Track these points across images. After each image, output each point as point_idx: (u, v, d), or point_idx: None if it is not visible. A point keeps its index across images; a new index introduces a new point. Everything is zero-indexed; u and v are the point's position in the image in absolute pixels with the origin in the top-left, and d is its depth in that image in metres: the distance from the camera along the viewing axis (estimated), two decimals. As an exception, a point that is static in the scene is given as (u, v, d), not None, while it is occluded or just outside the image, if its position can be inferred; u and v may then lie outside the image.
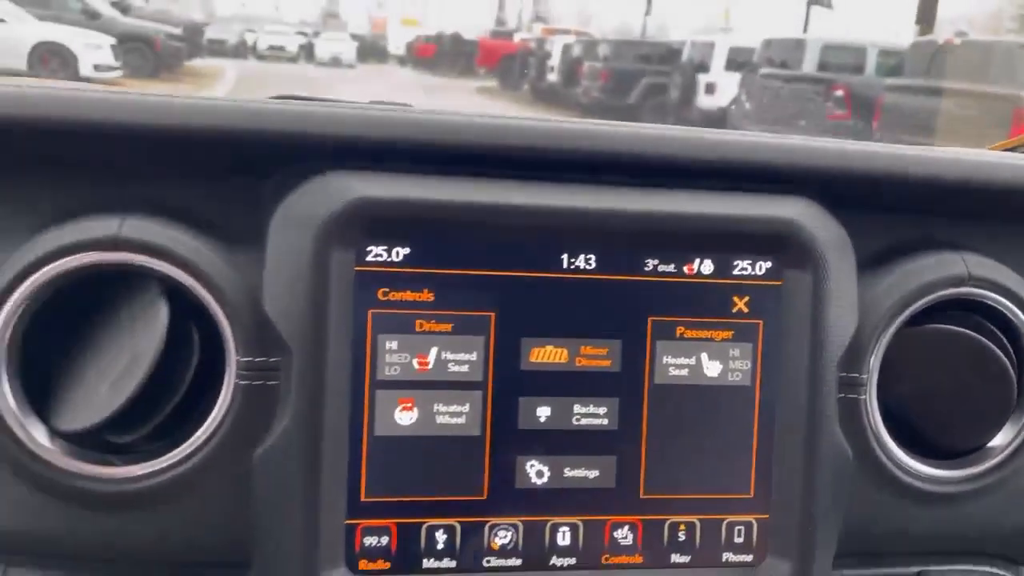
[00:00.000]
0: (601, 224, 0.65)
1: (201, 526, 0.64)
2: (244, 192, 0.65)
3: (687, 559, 0.68)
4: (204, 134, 0.63)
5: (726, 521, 0.68)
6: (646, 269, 0.66)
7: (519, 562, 0.66)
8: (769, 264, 0.68)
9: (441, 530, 0.65)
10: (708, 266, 0.67)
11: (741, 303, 0.68)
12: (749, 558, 0.68)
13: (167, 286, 0.62)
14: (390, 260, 0.63)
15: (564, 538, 0.66)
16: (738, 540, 0.68)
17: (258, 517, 0.62)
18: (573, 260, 0.65)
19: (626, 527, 0.67)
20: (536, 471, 0.66)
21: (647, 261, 0.66)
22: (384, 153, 0.64)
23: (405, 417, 0.64)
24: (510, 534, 0.66)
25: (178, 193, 0.65)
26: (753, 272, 0.67)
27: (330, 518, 0.62)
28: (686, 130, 0.69)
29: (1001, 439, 0.73)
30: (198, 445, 0.62)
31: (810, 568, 0.67)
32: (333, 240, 0.61)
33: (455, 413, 0.64)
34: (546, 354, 0.65)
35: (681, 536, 0.68)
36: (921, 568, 0.76)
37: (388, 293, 0.63)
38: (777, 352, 0.68)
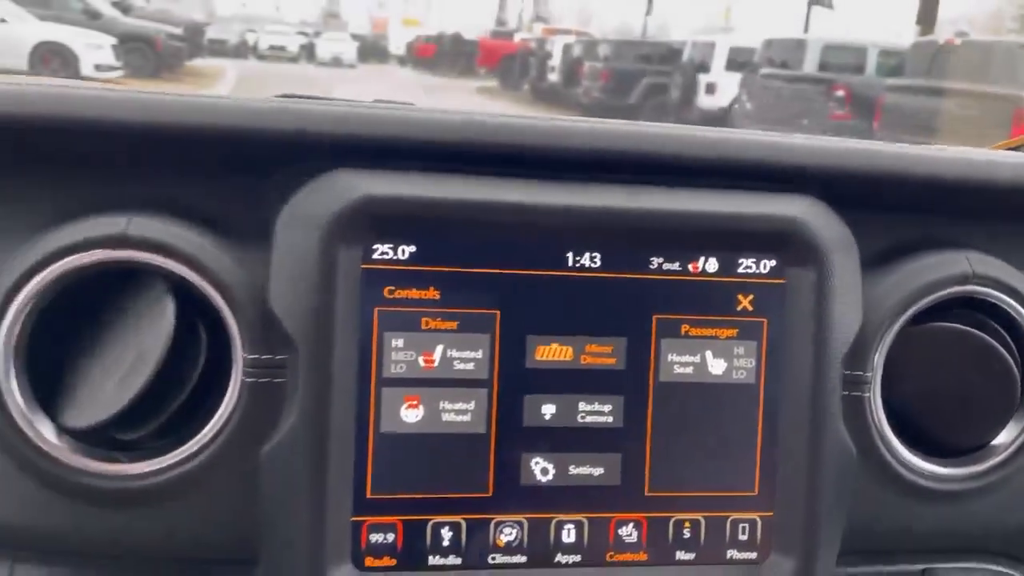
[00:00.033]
0: (606, 222, 0.65)
1: (208, 523, 0.65)
2: (250, 190, 0.65)
3: (691, 556, 0.68)
4: (211, 132, 0.63)
5: (730, 518, 0.68)
6: (651, 267, 0.66)
7: (524, 559, 0.66)
8: (773, 262, 0.68)
9: (447, 527, 0.65)
10: (713, 264, 0.67)
11: (745, 301, 0.68)
12: (753, 555, 0.68)
13: (174, 284, 0.62)
14: (396, 258, 0.63)
15: (569, 535, 0.66)
16: (742, 537, 0.68)
17: (265, 514, 0.62)
18: (578, 258, 0.65)
19: (631, 524, 0.67)
20: (541, 468, 0.66)
21: (652, 259, 0.66)
22: (390, 151, 0.64)
23: (411, 414, 0.64)
24: (515, 531, 0.66)
25: (185, 191, 0.65)
26: (757, 270, 0.68)
27: (336, 515, 0.62)
28: (691, 129, 0.69)
29: (1005, 437, 0.73)
30: (205, 442, 0.62)
31: (814, 566, 0.67)
32: (339, 238, 0.61)
33: (460, 411, 0.64)
34: (551, 352, 0.66)
35: (686, 533, 0.68)
36: (925, 566, 0.77)
37: (394, 291, 0.63)
38: (781, 350, 0.68)
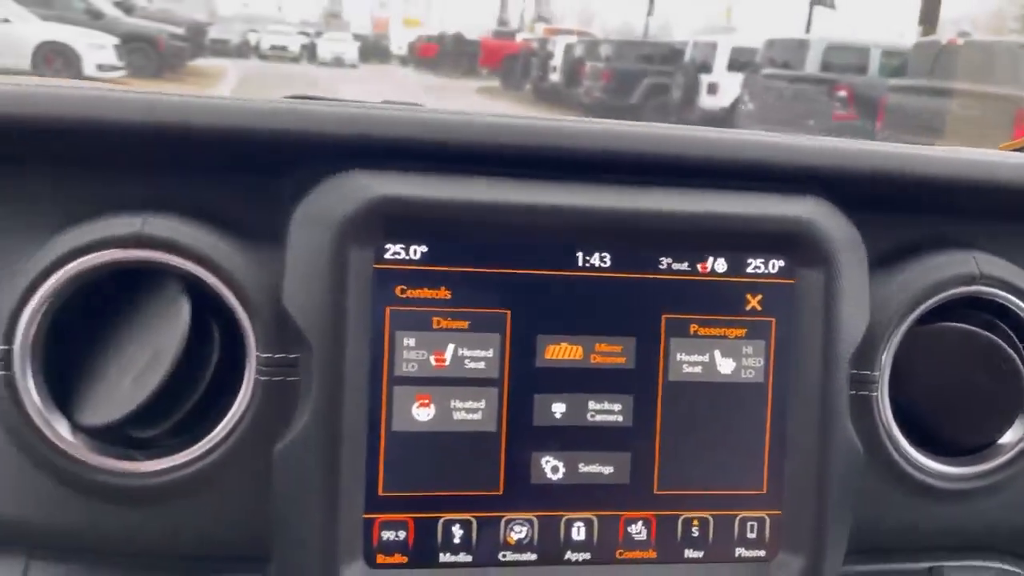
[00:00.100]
0: (616, 223, 0.66)
1: (221, 520, 0.65)
2: (263, 190, 0.66)
3: (700, 554, 0.68)
4: (224, 133, 0.63)
5: (739, 517, 0.69)
6: (660, 267, 0.67)
7: (534, 557, 0.66)
8: (782, 263, 0.68)
9: (457, 525, 0.65)
10: (722, 264, 0.68)
11: (754, 301, 0.68)
12: (762, 553, 0.69)
13: (188, 283, 0.62)
14: (408, 258, 0.64)
15: (579, 533, 0.67)
16: (751, 536, 0.69)
17: (277, 511, 0.63)
18: (588, 258, 0.66)
19: (640, 523, 0.68)
20: (551, 467, 0.66)
21: (661, 259, 0.67)
22: (402, 152, 0.64)
23: (422, 413, 0.64)
24: (525, 529, 0.66)
25: (199, 192, 0.66)
26: (766, 270, 0.68)
27: (348, 513, 0.63)
28: (700, 130, 0.70)
29: (1011, 436, 0.74)
30: (218, 440, 0.63)
31: (822, 564, 0.68)
32: (352, 238, 0.62)
33: (471, 409, 0.65)
34: (561, 351, 0.66)
35: (694, 532, 0.68)
36: (932, 564, 0.77)
37: (406, 291, 0.64)
38: (790, 350, 0.68)
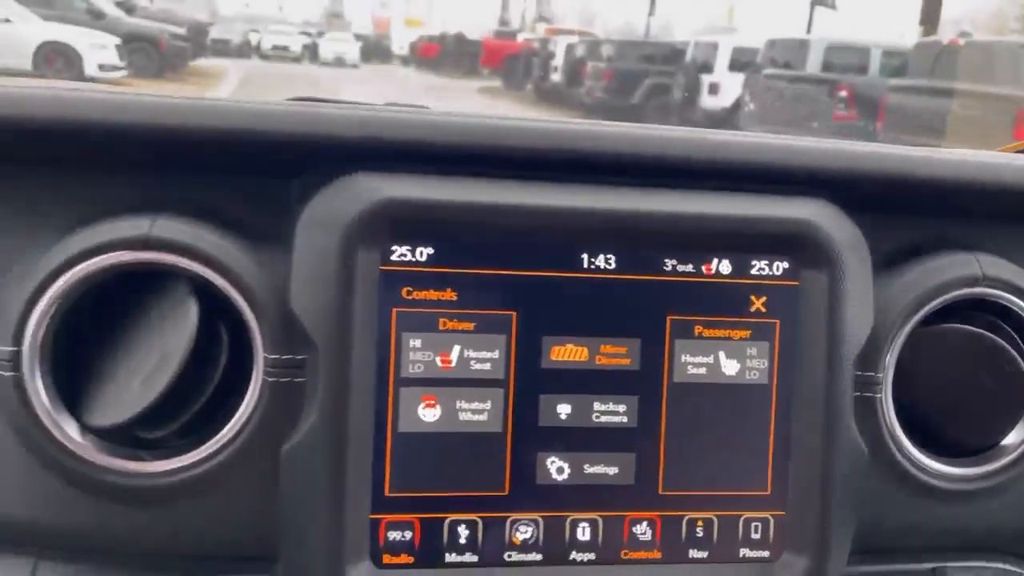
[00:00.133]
0: (621, 224, 0.66)
1: (228, 520, 0.65)
2: (270, 192, 0.66)
3: (705, 555, 0.69)
4: (231, 136, 0.64)
5: (743, 517, 0.69)
6: (665, 269, 0.67)
7: (539, 557, 0.67)
8: (786, 264, 0.69)
9: (463, 525, 0.66)
10: (726, 266, 0.68)
11: (758, 303, 0.69)
12: (766, 554, 0.69)
13: (196, 285, 0.63)
14: (414, 260, 0.64)
15: (584, 533, 0.67)
16: (755, 536, 0.69)
17: (284, 512, 0.63)
18: (593, 260, 0.66)
19: (645, 523, 0.68)
20: (556, 467, 0.67)
21: (666, 261, 0.67)
22: (408, 155, 0.65)
23: (428, 414, 0.65)
24: (531, 529, 0.67)
25: (206, 194, 0.66)
26: (770, 272, 0.68)
27: (355, 513, 0.63)
28: (704, 132, 0.70)
29: (1014, 437, 0.74)
30: (226, 441, 0.63)
31: (826, 564, 0.68)
32: (359, 240, 0.62)
33: (477, 410, 0.65)
34: (566, 352, 0.66)
35: (699, 532, 0.68)
36: (935, 565, 0.77)
37: (412, 292, 0.64)
38: (794, 351, 0.68)
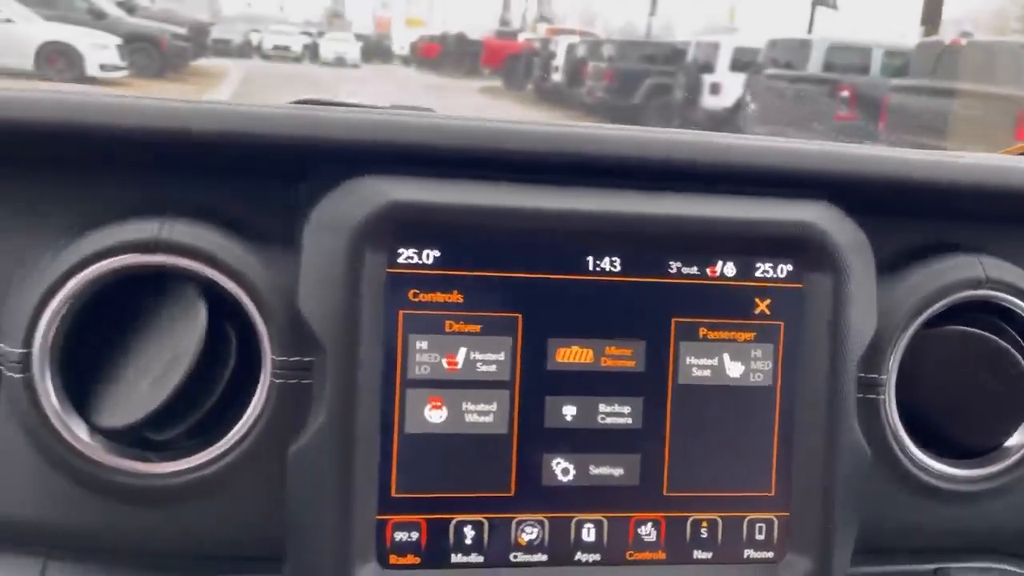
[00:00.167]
0: (626, 227, 0.66)
1: (236, 521, 0.66)
2: (278, 195, 0.66)
3: (709, 555, 0.69)
4: (239, 139, 0.64)
5: (747, 518, 0.69)
6: (670, 271, 0.68)
7: (545, 558, 0.67)
8: (790, 267, 0.69)
9: (469, 526, 0.66)
10: (731, 268, 0.68)
11: (763, 305, 0.69)
12: (770, 555, 0.69)
13: (205, 287, 0.63)
14: (421, 263, 0.64)
15: (589, 534, 0.68)
16: (759, 537, 0.69)
17: (292, 513, 0.63)
18: (598, 262, 0.67)
19: (650, 524, 0.68)
20: (562, 469, 0.67)
21: (671, 263, 0.68)
22: (415, 158, 0.65)
23: (435, 415, 0.65)
24: (536, 530, 0.67)
25: (215, 197, 0.66)
26: (774, 275, 0.69)
27: (362, 514, 0.63)
28: (709, 135, 0.70)
29: (1018, 439, 0.74)
30: (234, 442, 0.64)
31: (829, 565, 0.69)
32: (366, 243, 0.63)
33: (483, 412, 0.66)
34: (572, 354, 0.67)
35: (703, 533, 0.69)
36: (937, 565, 0.78)
37: (418, 294, 0.64)
38: (798, 353, 0.69)
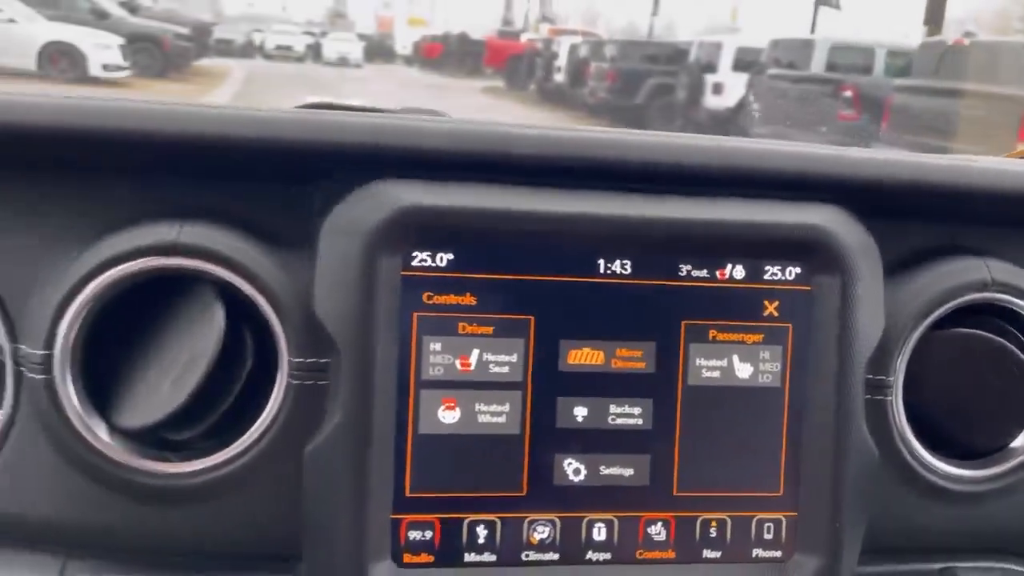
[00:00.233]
0: (636, 231, 0.67)
1: (253, 520, 0.67)
2: (294, 199, 0.67)
3: (718, 555, 0.70)
4: (255, 144, 0.65)
5: (756, 518, 0.70)
6: (680, 274, 0.68)
7: (556, 556, 0.68)
8: (799, 269, 0.70)
9: (482, 525, 0.67)
10: (740, 271, 0.69)
11: (771, 307, 0.70)
12: (778, 554, 0.70)
13: (222, 289, 0.64)
14: (434, 265, 0.65)
15: (600, 534, 0.69)
16: (768, 537, 0.70)
17: (308, 512, 0.64)
18: (609, 265, 0.68)
19: (659, 523, 0.69)
20: (573, 469, 0.68)
21: (681, 266, 0.68)
22: (429, 162, 0.66)
23: (448, 416, 0.66)
24: (548, 529, 0.68)
25: (232, 201, 0.67)
26: (783, 277, 0.70)
27: (377, 513, 0.64)
28: (718, 139, 0.71)
29: (1023, 440, 0.75)
30: (251, 442, 0.65)
31: (837, 564, 0.69)
32: (381, 246, 0.64)
33: (496, 412, 0.67)
34: (583, 356, 0.68)
35: (712, 532, 0.70)
36: (943, 565, 0.78)
37: (432, 297, 0.65)
38: (806, 355, 0.70)
